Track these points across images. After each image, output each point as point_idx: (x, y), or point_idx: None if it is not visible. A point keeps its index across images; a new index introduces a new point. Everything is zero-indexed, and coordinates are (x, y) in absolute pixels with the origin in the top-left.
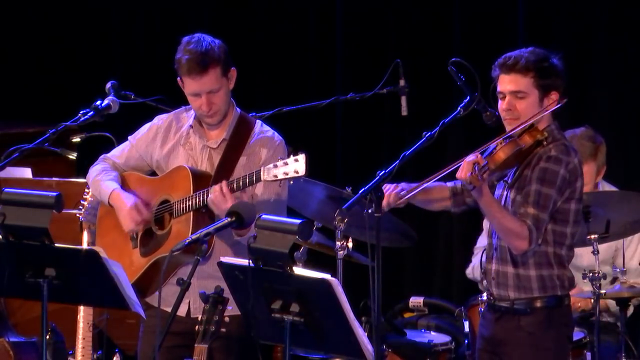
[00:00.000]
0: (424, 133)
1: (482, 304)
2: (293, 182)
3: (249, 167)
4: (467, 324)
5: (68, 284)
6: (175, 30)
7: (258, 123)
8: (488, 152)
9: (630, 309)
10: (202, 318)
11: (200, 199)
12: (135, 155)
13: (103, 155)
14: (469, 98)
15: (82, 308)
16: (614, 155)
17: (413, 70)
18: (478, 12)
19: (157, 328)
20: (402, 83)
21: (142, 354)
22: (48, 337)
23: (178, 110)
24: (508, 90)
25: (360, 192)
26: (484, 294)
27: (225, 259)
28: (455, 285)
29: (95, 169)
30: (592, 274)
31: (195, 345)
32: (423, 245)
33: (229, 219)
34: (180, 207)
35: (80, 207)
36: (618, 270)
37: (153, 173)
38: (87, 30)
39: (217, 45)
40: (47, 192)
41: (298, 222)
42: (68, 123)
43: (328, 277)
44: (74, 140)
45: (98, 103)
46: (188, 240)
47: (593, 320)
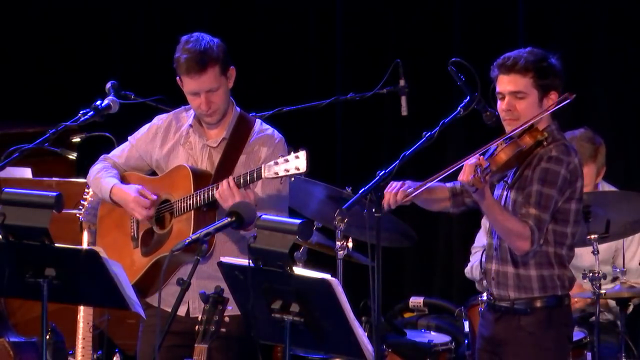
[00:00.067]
0: (424, 133)
1: (481, 304)
2: (294, 179)
3: (249, 165)
4: (467, 324)
5: (68, 284)
6: (175, 30)
7: (258, 122)
8: (489, 153)
9: (629, 309)
10: (202, 318)
11: (201, 198)
12: (135, 155)
13: (103, 155)
14: (469, 98)
15: (82, 308)
16: (614, 156)
17: (413, 70)
18: (478, 12)
19: (157, 328)
20: (402, 83)
21: (141, 354)
22: (48, 337)
23: (177, 110)
24: (507, 91)
25: (360, 192)
26: (484, 294)
27: (225, 259)
28: (455, 285)
29: (96, 168)
30: (592, 274)
31: (195, 345)
32: (423, 245)
33: (229, 219)
34: (181, 206)
35: (80, 207)
36: (618, 271)
37: (153, 173)
38: (87, 30)
39: (215, 44)
40: (47, 192)
41: (298, 222)
42: (68, 123)
43: (328, 277)
44: (74, 140)
45: (98, 103)
46: (188, 240)
47: (593, 321)
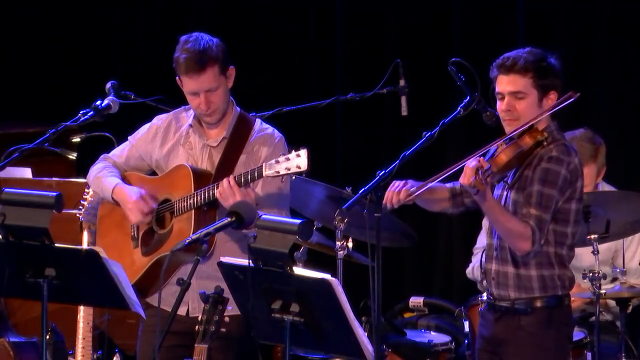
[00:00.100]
0: (424, 133)
1: (481, 304)
2: (294, 178)
3: (249, 164)
4: (467, 324)
5: (68, 284)
6: (175, 30)
7: (258, 121)
8: (489, 155)
9: (629, 309)
10: (202, 318)
11: (202, 197)
12: (135, 155)
13: (103, 155)
14: (469, 98)
15: (82, 308)
16: (614, 156)
17: (413, 70)
18: (478, 12)
19: (157, 327)
20: (402, 83)
21: (141, 354)
22: (48, 337)
23: (177, 110)
24: (507, 91)
25: (360, 192)
26: (484, 294)
27: (225, 259)
28: (455, 285)
29: (97, 167)
30: (592, 274)
31: (195, 345)
32: (423, 245)
33: (229, 219)
34: (182, 205)
35: (80, 207)
36: (618, 271)
37: (153, 173)
38: (87, 30)
39: (214, 44)
40: (47, 192)
41: (298, 222)
42: (68, 123)
43: (328, 277)
44: (74, 140)
45: (98, 103)
46: (188, 240)
47: (593, 321)
